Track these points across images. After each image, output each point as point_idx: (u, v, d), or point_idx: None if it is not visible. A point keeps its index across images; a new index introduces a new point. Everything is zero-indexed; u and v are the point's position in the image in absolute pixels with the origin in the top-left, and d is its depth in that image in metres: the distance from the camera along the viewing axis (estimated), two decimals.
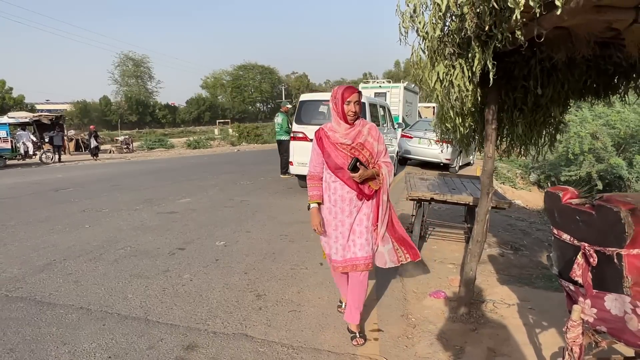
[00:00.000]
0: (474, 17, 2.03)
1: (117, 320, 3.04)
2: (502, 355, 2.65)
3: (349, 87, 2.62)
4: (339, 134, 2.61)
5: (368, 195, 2.67)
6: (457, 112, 2.68)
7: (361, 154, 2.61)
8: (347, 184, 2.62)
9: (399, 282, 3.92)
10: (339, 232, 2.70)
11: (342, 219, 2.68)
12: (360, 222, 2.69)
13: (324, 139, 2.66)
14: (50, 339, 2.76)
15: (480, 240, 3.11)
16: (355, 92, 2.58)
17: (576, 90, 3.22)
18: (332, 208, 2.69)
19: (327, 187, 2.70)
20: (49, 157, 17.88)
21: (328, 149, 2.63)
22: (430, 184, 5.25)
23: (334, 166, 2.62)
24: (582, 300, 1.87)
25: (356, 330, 2.84)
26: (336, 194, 2.66)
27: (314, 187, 2.76)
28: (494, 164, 3.02)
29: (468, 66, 2.35)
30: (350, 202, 2.66)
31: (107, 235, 5.26)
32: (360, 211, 2.70)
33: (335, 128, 2.64)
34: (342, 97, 2.55)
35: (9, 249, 4.67)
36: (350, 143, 2.61)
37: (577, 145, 10.73)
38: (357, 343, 2.77)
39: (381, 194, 2.70)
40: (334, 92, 2.63)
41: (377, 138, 2.69)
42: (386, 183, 2.70)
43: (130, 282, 3.75)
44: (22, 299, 3.37)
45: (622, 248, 1.62)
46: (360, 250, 2.68)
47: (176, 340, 2.77)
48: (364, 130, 2.64)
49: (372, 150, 2.65)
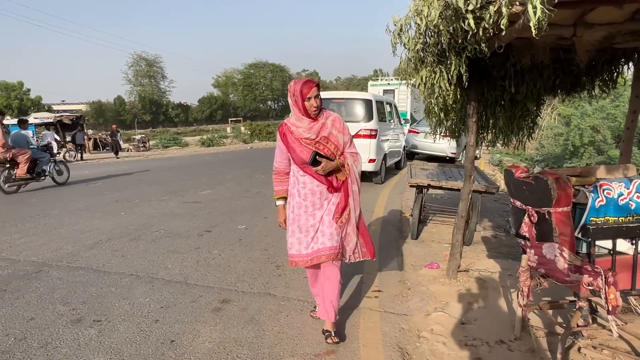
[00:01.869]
0: (447, 34, 2.60)
1: (162, 283, 3.68)
2: (479, 308, 3.23)
3: (307, 82, 2.51)
4: (302, 129, 2.55)
5: (337, 188, 2.64)
6: (441, 108, 3.25)
7: (326, 147, 2.57)
8: (316, 178, 2.59)
9: (399, 257, 4.50)
10: (310, 225, 2.64)
11: (312, 212, 2.63)
12: (329, 212, 2.64)
13: (288, 135, 2.59)
14: (111, 295, 3.42)
15: (464, 216, 3.68)
16: (313, 87, 2.49)
17: (548, 88, 3.78)
18: (302, 202, 2.65)
19: (296, 182, 2.66)
20: (72, 156, 18.78)
21: (293, 145, 2.57)
22: (430, 173, 5.81)
23: (300, 161, 2.58)
24: (529, 251, 2.46)
25: (332, 329, 2.71)
26: (306, 188, 2.63)
27: (280, 182, 2.76)
28: (475, 151, 3.59)
29: (447, 71, 2.93)
30: (321, 195, 2.63)
31: (142, 220, 5.94)
32: (329, 202, 2.66)
33: (298, 123, 2.57)
34: (302, 94, 2.47)
35: (60, 232, 5.36)
36: (314, 137, 2.55)
37: (577, 138, 11.15)
38: (332, 341, 2.66)
39: (349, 183, 2.65)
40: (292, 89, 2.53)
41: (341, 130, 2.64)
42: (353, 173, 2.66)
43: (168, 256, 4.40)
44: (82, 268, 4.04)
45: (551, 207, 2.19)
46: (330, 239, 2.61)
47: (212, 297, 3.40)
48: (327, 123, 2.58)
49: (337, 142, 2.61)
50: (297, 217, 2.67)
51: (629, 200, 2.22)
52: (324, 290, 2.73)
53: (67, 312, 3.11)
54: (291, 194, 2.72)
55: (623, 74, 3.67)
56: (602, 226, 2.20)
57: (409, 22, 2.66)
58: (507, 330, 2.81)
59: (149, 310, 3.14)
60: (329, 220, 2.64)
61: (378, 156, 8.80)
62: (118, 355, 2.54)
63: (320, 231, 2.65)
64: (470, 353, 2.58)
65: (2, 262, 4.21)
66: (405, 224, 5.78)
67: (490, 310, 3.18)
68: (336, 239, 2.63)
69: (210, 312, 3.13)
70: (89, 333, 2.80)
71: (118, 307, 3.19)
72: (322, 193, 2.64)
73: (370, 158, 8.58)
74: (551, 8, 1.72)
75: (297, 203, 2.66)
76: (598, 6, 2.17)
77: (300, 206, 2.66)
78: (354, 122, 8.64)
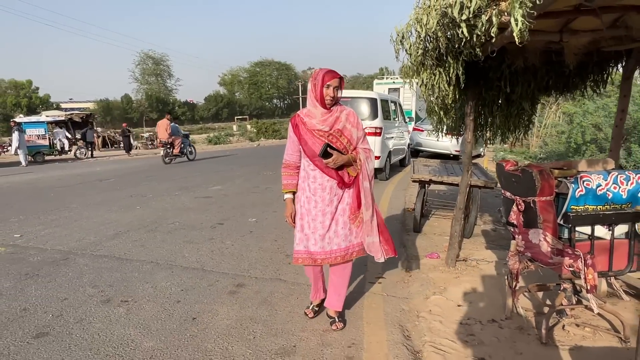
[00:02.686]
0: (444, 40, 2.85)
1: (181, 269, 3.97)
2: (474, 292, 3.48)
3: (330, 71, 2.51)
4: (315, 120, 2.51)
5: (348, 184, 2.61)
6: (440, 107, 3.50)
7: (339, 140, 2.54)
8: (326, 172, 2.56)
9: (402, 248, 4.76)
10: (319, 222, 2.61)
11: (322, 207, 2.59)
12: (344, 212, 2.63)
13: (301, 126, 2.55)
14: (135, 279, 3.71)
15: (462, 208, 3.94)
16: (336, 77, 2.49)
17: (542, 88, 4.01)
18: (311, 197, 2.61)
19: (307, 176, 2.63)
20: (82, 153, 19.19)
21: (305, 136, 2.54)
22: (432, 169, 6.06)
23: (311, 154, 2.54)
24: (517, 237, 2.71)
25: (335, 316, 2.83)
26: (315, 182, 2.59)
27: (289, 175, 2.69)
28: (472, 147, 3.84)
29: (446, 73, 3.18)
30: (331, 190, 2.59)
31: (157, 214, 6.24)
32: (342, 201, 2.63)
33: (312, 112, 2.54)
34: (323, 79, 2.45)
35: (81, 224, 5.68)
36: (328, 130, 2.51)
37: (580, 136, 11.33)
38: (337, 327, 2.77)
39: (361, 180, 2.61)
40: (315, 74, 2.52)
41: (355, 124, 2.62)
42: (365, 169, 2.61)
43: (185, 246, 4.69)
44: (105, 256, 4.34)
45: (535, 196, 2.45)
46: (344, 240, 2.63)
47: (228, 281, 3.68)
48: (341, 117, 2.56)
49: (350, 137, 2.58)
50: (307, 212, 2.63)
51: (606, 190, 2.47)
52: (332, 283, 2.78)
53: (96, 293, 3.41)
54: (301, 188, 2.67)
55: (612, 75, 3.90)
56: (581, 214, 2.45)
57: (410, 30, 2.91)
58: (499, 311, 3.06)
59: (170, 293, 3.43)
60: (343, 220, 2.62)
61: (383, 153, 9.06)
62: (146, 329, 2.82)
63: (335, 231, 2.62)
64: (464, 330, 2.84)
65: (31, 250, 4.52)
66: (408, 218, 6.03)
67: (484, 294, 3.43)
68: (350, 239, 2.64)
69: (226, 294, 3.41)
70: (118, 311, 3.09)
71: (142, 290, 3.48)
72: (332, 188, 2.59)
73: (375, 155, 8.83)
74: (531, 20, 1.97)
75: (307, 198, 2.62)
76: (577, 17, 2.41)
77: (309, 201, 2.61)
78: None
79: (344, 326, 2.80)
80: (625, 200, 2.49)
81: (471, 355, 2.53)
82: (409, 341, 2.73)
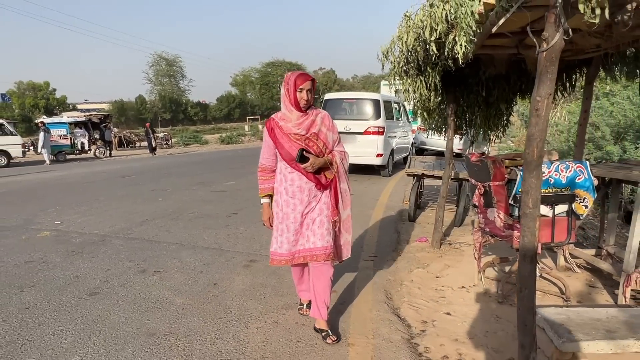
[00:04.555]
0: (422, 53, 3.44)
1: (202, 249, 4.62)
2: (452, 267, 4.07)
3: (302, 74, 2.51)
4: (291, 124, 2.53)
5: (325, 185, 2.63)
6: (423, 109, 4.10)
7: (315, 144, 2.55)
8: (304, 175, 2.57)
9: (395, 234, 5.35)
10: (299, 224, 2.63)
11: (301, 209, 2.61)
12: (321, 211, 2.64)
13: (276, 129, 2.56)
14: (164, 256, 4.37)
15: (445, 197, 4.53)
16: (308, 80, 2.49)
17: (516, 92, 4.58)
18: (290, 200, 2.61)
19: (284, 179, 2.62)
20: (101, 152, 20.09)
21: (281, 140, 2.54)
22: (427, 165, 6.63)
23: (288, 158, 2.55)
24: (479, 216, 3.30)
25: (327, 328, 2.73)
26: (294, 185, 2.60)
27: (266, 179, 2.70)
28: (453, 143, 4.42)
29: (425, 81, 3.76)
30: (309, 192, 2.61)
31: (177, 205, 6.93)
32: (320, 201, 2.65)
33: (287, 116, 2.54)
34: (295, 84, 2.46)
35: (110, 213, 6.38)
36: (304, 133, 2.53)
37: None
38: (332, 341, 2.66)
39: (338, 182, 2.65)
40: (287, 78, 2.51)
41: (331, 127, 2.64)
42: (342, 172, 2.67)
43: (204, 231, 5.34)
44: (136, 239, 5.01)
45: (490, 181, 3.03)
46: (321, 239, 2.61)
47: (242, 258, 4.32)
48: (317, 120, 2.58)
49: (325, 140, 2.60)
50: (286, 216, 2.64)
51: (548, 177, 3.04)
52: (315, 290, 2.71)
53: (133, 266, 4.08)
54: (279, 191, 2.66)
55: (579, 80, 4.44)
56: None
57: (393, 46, 3.51)
58: (469, 280, 3.65)
59: (194, 266, 4.08)
60: (320, 219, 2.63)
61: (385, 151, 9.64)
62: (177, 291, 3.47)
63: (312, 230, 2.63)
64: (438, 294, 3.44)
65: (73, 234, 5.22)
66: (405, 209, 6.61)
67: (460, 269, 4.01)
68: (327, 239, 2.61)
69: (241, 267, 4.05)
70: (153, 279, 3.75)
71: (171, 263, 4.14)
72: (311, 190, 2.61)
73: (378, 153, 9.43)
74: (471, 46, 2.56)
75: (285, 201, 2.63)
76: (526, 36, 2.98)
77: (288, 204, 2.62)
78: (363, 120, 9.52)
79: (338, 339, 2.69)
80: (565, 184, 3.06)
81: (439, 310, 3.13)
82: (391, 301, 3.34)
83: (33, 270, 3.94)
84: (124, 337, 2.74)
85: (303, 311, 3.07)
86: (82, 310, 3.12)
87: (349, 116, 9.81)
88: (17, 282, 3.67)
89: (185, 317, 3.03)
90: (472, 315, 3.02)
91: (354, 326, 2.90)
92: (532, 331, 1.83)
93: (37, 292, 3.44)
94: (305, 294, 3.05)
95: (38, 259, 4.28)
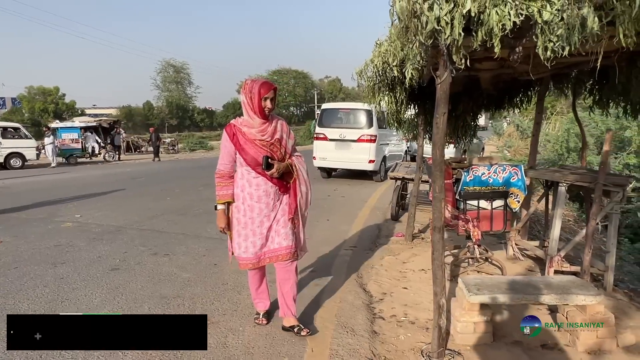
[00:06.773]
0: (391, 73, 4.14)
1: (205, 238, 5.33)
2: (419, 255, 4.73)
3: (265, 83, 2.57)
4: (255, 130, 2.58)
5: (288, 188, 2.74)
6: (395, 120, 4.80)
7: (279, 150, 2.66)
8: (269, 180, 2.64)
9: (377, 231, 6.03)
10: (265, 227, 2.68)
11: (267, 213, 2.67)
12: (284, 212, 2.72)
13: (239, 135, 2.59)
14: (172, 243, 5.08)
15: (416, 195, 5.22)
16: (272, 89, 2.56)
17: (479, 106, 5.27)
18: (255, 205, 2.65)
19: (247, 184, 2.65)
20: (111, 156, 20.91)
21: (245, 146, 2.59)
22: (410, 169, 7.32)
23: (254, 163, 2.60)
24: None
25: (297, 323, 2.83)
26: (260, 190, 2.64)
27: (224, 186, 2.69)
28: (423, 150, 5.11)
29: (395, 97, 4.47)
30: (275, 195, 2.68)
31: (184, 203, 7.66)
32: (282, 202, 2.74)
33: (250, 123, 2.59)
34: (259, 93, 2.51)
35: (124, 209, 7.12)
36: (269, 140, 2.61)
37: (561, 146, 12.43)
38: (305, 333, 2.77)
39: (298, 185, 2.74)
40: (249, 87, 2.54)
41: (289, 134, 2.76)
42: (302, 175, 2.76)
43: (207, 225, 6.05)
44: (148, 230, 5.74)
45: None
46: (285, 239, 2.69)
47: None
48: (278, 127, 2.68)
49: (286, 146, 2.72)
50: (251, 220, 2.67)
51: (488, 177, 3.74)
52: (282, 290, 2.82)
53: (146, 250, 4.79)
54: (240, 197, 2.68)
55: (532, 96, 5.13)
56: (470, 192, 3.72)
57: (367, 68, 4.23)
58: (429, 265, 4.31)
59: (198, 251, 4.79)
60: (284, 220, 2.71)
61: (377, 158, 10.34)
62: (184, 269, 4.18)
63: (275, 231, 2.70)
64: (400, 275, 4.12)
65: (92, 225, 5.96)
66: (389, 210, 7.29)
67: (425, 257, 4.67)
68: (291, 238, 2.71)
69: None
70: (163, 260, 4.46)
71: (178, 249, 4.85)
72: (276, 194, 2.69)
73: (370, 159, 10.13)
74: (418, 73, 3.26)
75: (250, 206, 2.66)
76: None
77: (252, 209, 2.65)
78: (357, 129, 10.26)
79: (310, 331, 2.82)
80: (501, 183, 3.76)
81: (399, 285, 3.82)
82: (360, 279, 4.03)
83: (62, 252, 4.66)
84: (141, 298, 3.45)
85: (259, 321, 3.02)
86: (107, 280, 3.83)
87: (344, 125, 10.54)
88: (51, 259, 4.39)
89: (190, 286, 3.73)
90: (424, 290, 3.70)
91: (324, 295, 3.58)
92: (442, 283, 2.51)
93: (68, 267, 4.16)
94: (261, 304, 3.04)
95: (65, 243, 5.00)
